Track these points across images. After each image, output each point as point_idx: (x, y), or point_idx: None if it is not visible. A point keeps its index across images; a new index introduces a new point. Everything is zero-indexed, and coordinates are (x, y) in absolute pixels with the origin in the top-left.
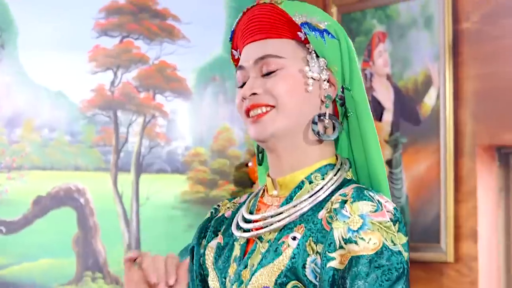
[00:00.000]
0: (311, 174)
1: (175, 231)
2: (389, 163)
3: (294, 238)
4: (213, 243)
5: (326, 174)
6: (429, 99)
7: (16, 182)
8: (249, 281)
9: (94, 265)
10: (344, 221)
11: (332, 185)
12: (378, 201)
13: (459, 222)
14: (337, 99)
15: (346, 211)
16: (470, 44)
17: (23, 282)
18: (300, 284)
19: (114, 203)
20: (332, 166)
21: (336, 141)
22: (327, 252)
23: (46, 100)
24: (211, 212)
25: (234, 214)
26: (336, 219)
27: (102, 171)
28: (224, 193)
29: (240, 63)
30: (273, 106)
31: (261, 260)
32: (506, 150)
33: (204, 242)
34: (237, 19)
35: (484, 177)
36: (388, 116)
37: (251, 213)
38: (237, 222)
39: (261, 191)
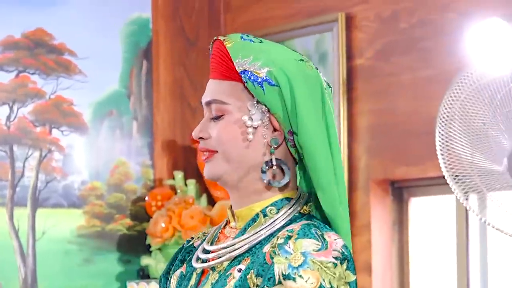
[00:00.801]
0: (267, 207)
1: (71, 265)
2: None
3: (239, 270)
4: (178, 272)
5: (281, 208)
6: None
7: None
8: None
9: None
10: (286, 257)
11: (283, 219)
12: (324, 239)
13: (353, 256)
14: (286, 142)
15: (289, 248)
16: (364, 80)
17: None
18: None
19: (10, 238)
20: (289, 200)
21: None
22: (265, 286)
23: None
24: (185, 243)
25: (201, 244)
26: (279, 254)
27: None
28: (120, 227)
29: (201, 99)
30: (216, 151)
31: None
32: (399, 184)
33: (171, 271)
34: (210, 47)
35: (378, 211)
36: None
37: (211, 244)
38: (200, 251)
39: (224, 222)
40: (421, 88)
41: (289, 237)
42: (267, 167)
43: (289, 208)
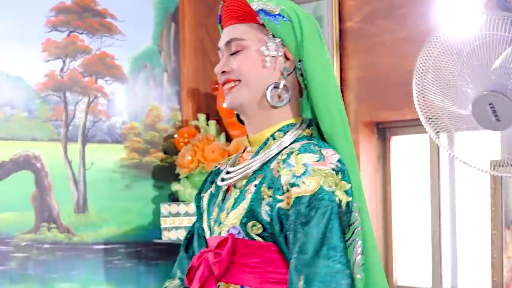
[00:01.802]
0: (275, 132)
1: (115, 190)
2: None
3: (255, 185)
4: (208, 192)
5: (287, 131)
6: None
7: None
8: (225, 222)
9: (49, 217)
10: (290, 169)
11: (289, 140)
12: (322, 153)
13: None
14: (296, 71)
15: (292, 161)
16: (353, 40)
17: None
18: (258, 224)
19: (65, 168)
20: (294, 125)
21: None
22: (276, 195)
23: (7, 84)
24: (213, 168)
25: (226, 167)
26: (284, 168)
27: (55, 141)
28: (154, 159)
29: (218, 45)
30: (239, 81)
31: (233, 204)
32: (383, 125)
33: (203, 191)
34: (220, 6)
35: (365, 148)
36: None
37: (233, 166)
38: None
39: (243, 149)
40: (400, 47)
41: (291, 153)
42: (272, 89)
43: (294, 131)
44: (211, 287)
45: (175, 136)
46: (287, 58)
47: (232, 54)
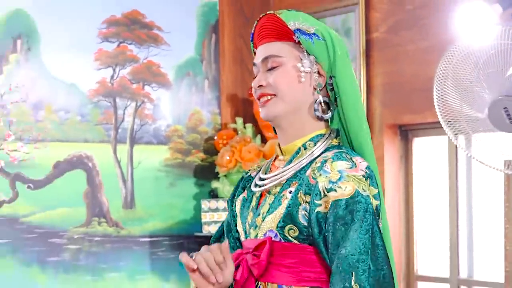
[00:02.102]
0: (306, 142)
1: (160, 187)
2: None
3: (290, 192)
4: (241, 197)
5: (318, 141)
6: None
7: (41, 151)
8: (261, 225)
9: (100, 213)
10: (326, 176)
11: (319, 149)
12: (353, 161)
13: None
14: (327, 86)
15: (328, 168)
16: (378, 49)
17: (46, 225)
18: (295, 227)
19: (114, 167)
20: (323, 135)
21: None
22: (314, 200)
23: (62, 90)
24: (244, 174)
25: (257, 174)
26: (320, 175)
27: (105, 143)
28: (196, 159)
29: (253, 61)
30: (275, 95)
31: (269, 209)
32: (405, 128)
33: (235, 197)
34: (254, 25)
35: (389, 148)
36: None
37: (265, 173)
38: (257, 179)
39: (274, 157)
40: (422, 55)
41: (325, 161)
42: (316, 105)
43: (324, 141)
44: (251, 286)
45: (215, 138)
46: (320, 74)
47: (269, 70)
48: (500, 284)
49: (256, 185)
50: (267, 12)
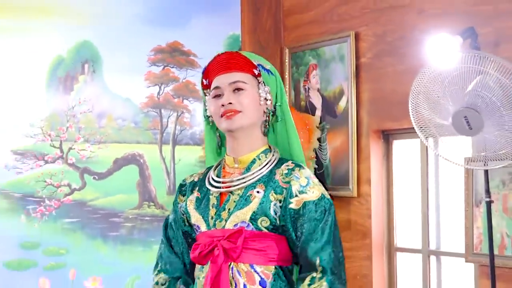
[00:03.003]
0: (259, 154)
1: None
2: (319, 139)
3: (258, 192)
4: (192, 197)
5: (267, 154)
6: (342, 103)
7: (103, 150)
8: (228, 218)
9: (149, 198)
10: (297, 181)
11: (275, 160)
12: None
13: (359, 174)
14: (271, 111)
15: (298, 175)
16: (365, 71)
17: (107, 208)
18: (266, 219)
19: (160, 163)
20: (268, 150)
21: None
22: (288, 199)
23: (120, 103)
24: (180, 185)
25: (202, 179)
26: (292, 179)
27: (153, 144)
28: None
29: (217, 85)
30: (241, 111)
31: (236, 206)
32: (387, 132)
33: (183, 199)
34: (210, 61)
35: (374, 148)
36: (318, 112)
37: (218, 177)
38: (210, 182)
39: (220, 165)
40: (399, 76)
41: (292, 169)
42: (264, 124)
43: (272, 154)
44: (226, 267)
45: None
46: (270, 101)
47: (234, 91)
48: (461, 254)
49: (213, 186)
50: (231, 51)
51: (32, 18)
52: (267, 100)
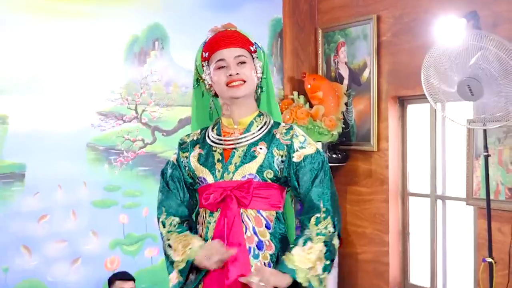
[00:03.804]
0: (255, 117)
1: None
2: (346, 104)
3: (261, 148)
4: (195, 153)
5: (261, 117)
6: (365, 74)
7: (170, 112)
8: (235, 171)
9: None
10: (297, 138)
11: (270, 122)
12: None
13: (379, 133)
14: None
15: (296, 133)
16: (385, 47)
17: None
18: (271, 171)
19: None
20: (261, 114)
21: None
22: (291, 154)
23: (183, 73)
24: (180, 143)
25: (201, 138)
26: (293, 137)
27: None
28: None
29: (221, 57)
30: (245, 81)
31: (241, 160)
32: (402, 98)
33: (185, 155)
34: (212, 37)
35: (391, 111)
36: (345, 82)
37: (219, 136)
38: (212, 140)
39: (217, 126)
40: (414, 52)
41: (291, 129)
42: (256, 93)
43: (266, 117)
44: (238, 212)
45: (280, 104)
46: (261, 73)
47: (239, 64)
48: (463, 198)
49: (217, 144)
50: (230, 29)
51: (115, 5)
52: (259, 71)
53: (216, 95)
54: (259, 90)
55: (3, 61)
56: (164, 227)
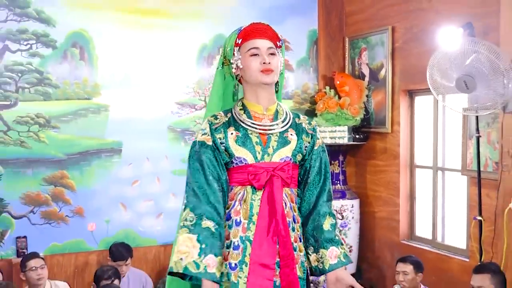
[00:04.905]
0: (277, 106)
1: None
2: (367, 96)
3: (291, 135)
4: (232, 135)
5: (281, 107)
6: (382, 72)
7: None
8: (274, 153)
9: None
10: (317, 129)
11: (289, 112)
12: None
13: (393, 118)
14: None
15: (315, 124)
16: (398, 52)
17: None
18: (300, 154)
19: None
20: (279, 104)
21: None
22: (315, 141)
23: None
24: (210, 124)
25: (230, 120)
26: (315, 128)
27: None
28: (306, 107)
29: (256, 46)
30: (273, 71)
31: (277, 144)
32: (411, 91)
33: (220, 136)
34: (247, 26)
35: (402, 102)
36: (366, 78)
37: (251, 120)
38: (247, 124)
39: (245, 111)
40: (421, 55)
41: (311, 119)
42: (276, 84)
43: (285, 107)
44: (281, 190)
45: (315, 96)
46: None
47: (269, 55)
48: (459, 169)
49: (252, 127)
50: (264, 23)
51: (190, 19)
52: (280, 66)
53: (238, 79)
54: (277, 81)
55: (105, 63)
56: (192, 212)
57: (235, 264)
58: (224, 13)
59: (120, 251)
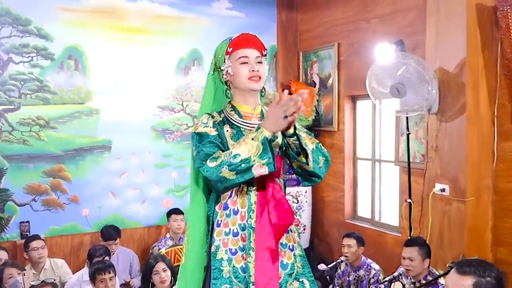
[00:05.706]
0: (261, 107)
1: None
2: (317, 100)
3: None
4: (227, 133)
5: (264, 107)
6: (330, 81)
7: None
8: None
9: None
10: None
11: None
12: None
13: (338, 119)
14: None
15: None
16: (343, 64)
17: None
18: (284, 147)
19: None
20: (263, 105)
21: None
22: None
23: None
24: (212, 117)
25: (223, 120)
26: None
27: None
28: None
29: (245, 55)
30: (261, 78)
31: None
32: (354, 96)
33: (220, 130)
34: (238, 36)
35: (347, 105)
36: (317, 86)
37: (241, 118)
38: (239, 122)
39: (234, 111)
40: (361, 67)
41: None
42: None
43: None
44: (274, 180)
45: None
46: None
47: (257, 63)
48: (392, 161)
49: (244, 125)
50: (252, 34)
51: (169, 36)
52: (265, 72)
53: (227, 84)
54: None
55: (96, 73)
56: (226, 157)
57: (235, 250)
58: (198, 31)
59: (110, 232)
